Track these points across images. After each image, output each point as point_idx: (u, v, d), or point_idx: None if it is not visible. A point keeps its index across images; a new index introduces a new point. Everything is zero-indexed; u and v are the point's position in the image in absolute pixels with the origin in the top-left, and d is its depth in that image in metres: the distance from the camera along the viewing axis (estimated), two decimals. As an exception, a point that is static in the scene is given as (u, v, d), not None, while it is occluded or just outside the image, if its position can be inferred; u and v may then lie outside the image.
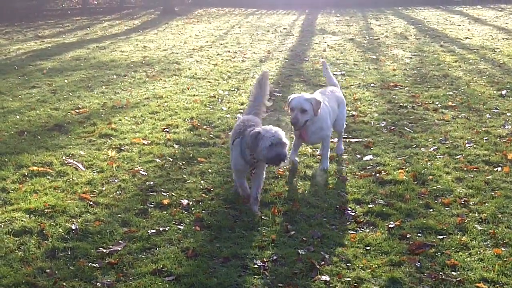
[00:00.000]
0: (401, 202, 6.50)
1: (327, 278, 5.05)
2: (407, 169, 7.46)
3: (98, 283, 5.04)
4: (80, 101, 11.52)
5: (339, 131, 8.20)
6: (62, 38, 21.48)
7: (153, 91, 12.37)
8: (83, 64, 15.64)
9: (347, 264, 5.29)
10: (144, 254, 5.53)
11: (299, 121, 7.17)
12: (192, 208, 6.47)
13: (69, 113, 10.55)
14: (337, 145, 8.30)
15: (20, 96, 11.97)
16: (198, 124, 9.67)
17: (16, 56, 17.23)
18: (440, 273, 5.09)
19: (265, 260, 5.37)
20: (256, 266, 5.29)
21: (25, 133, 9.30)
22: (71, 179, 7.26)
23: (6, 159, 7.96)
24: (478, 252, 5.44)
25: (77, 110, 10.73)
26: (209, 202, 6.66)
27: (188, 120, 10.00)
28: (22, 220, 6.14)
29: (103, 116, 10.37)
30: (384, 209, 6.35)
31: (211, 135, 9.13)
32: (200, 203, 6.60)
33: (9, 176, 7.40)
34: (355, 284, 4.94)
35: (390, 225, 5.97)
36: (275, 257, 5.42)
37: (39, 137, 9.10)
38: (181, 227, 6.06)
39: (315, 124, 7.39)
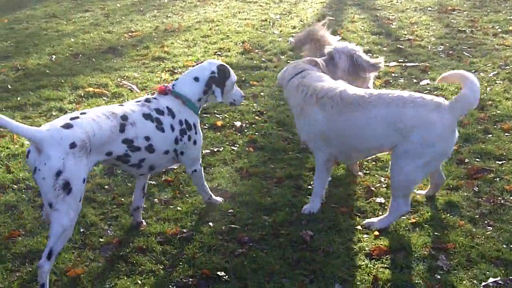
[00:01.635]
0: (459, 127, 6.34)
1: (382, 200, 5.02)
2: (465, 94, 7.26)
3: (155, 199, 5.12)
4: (132, 24, 11.52)
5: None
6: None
7: (204, 15, 12.27)
8: (134, -12, 15.57)
9: (403, 187, 5.24)
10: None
11: None
12: (245, 130, 6.47)
13: (122, 37, 10.57)
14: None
15: (73, 20, 12.03)
16: (250, 47, 9.58)
17: (69, -20, 17.22)
18: (499, 198, 5.01)
19: (320, 182, 5.37)
20: (310, 187, 5.29)
21: (80, 55, 9.37)
22: (126, 100, 7.31)
23: (62, 80, 8.05)
24: (539, 178, 5.32)
25: (130, 34, 10.74)
26: (262, 124, 6.65)
27: (239, 43, 9.91)
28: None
29: (156, 39, 10.36)
30: (441, 133, 6.23)
31: (263, 59, 9.05)
32: (253, 125, 6.60)
33: (66, 96, 7.50)
34: (411, 207, 4.87)
35: (448, 150, 5.87)
36: (329, 179, 5.39)
37: (93, 59, 9.16)
38: (235, 148, 6.09)
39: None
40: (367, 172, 5.52)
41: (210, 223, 4.75)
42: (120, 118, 4.13)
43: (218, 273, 4.14)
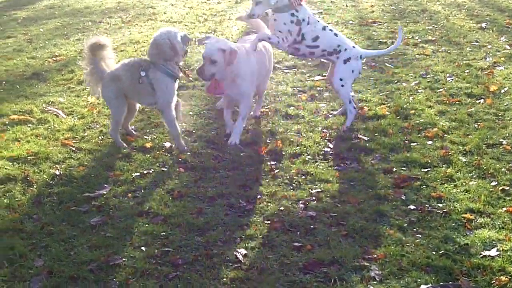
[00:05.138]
0: (384, 137, 6.50)
1: (313, 213, 5.07)
2: (389, 105, 7.45)
3: (85, 226, 5.03)
4: (56, 49, 11.32)
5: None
6: (34, -15, 21.00)
7: (129, 36, 12.16)
8: (57, 12, 15.30)
9: (333, 200, 5.31)
10: (130, 196, 5.52)
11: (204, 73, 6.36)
12: (175, 151, 6.43)
13: (46, 61, 10.37)
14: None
15: (-5, 47, 11.75)
16: (177, 67, 9.53)
17: (-12, 6, 16.83)
18: (426, 205, 5.14)
19: (251, 199, 5.39)
20: (241, 205, 5.30)
21: (3, 82, 9.13)
22: (52, 126, 7.17)
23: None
24: (464, 184, 5.48)
25: (54, 58, 10.54)
26: (192, 144, 6.63)
27: (167, 64, 9.85)
28: (5, 168, 6.07)
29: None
30: (367, 144, 6.36)
31: (190, 78, 8.99)
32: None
33: (-11, 125, 7.30)
34: (342, 219, 4.97)
35: (374, 160, 5.99)
36: (259, 196, 5.43)
37: (17, 86, 8.95)
38: (165, 169, 6.04)
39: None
40: (298, 187, 5.58)
41: (143, 248, 4.69)
42: None
43: (152, 298, 4.10)
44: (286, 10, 6.72)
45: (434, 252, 4.47)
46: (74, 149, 6.52)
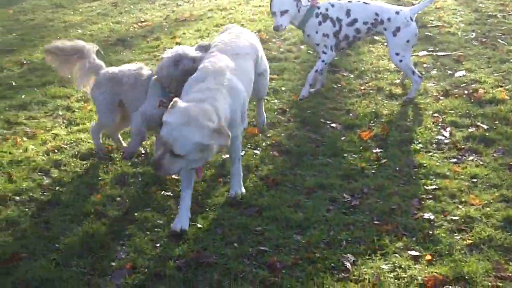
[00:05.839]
0: (506, 126, 5.75)
1: (430, 216, 4.41)
2: (507, 87, 6.65)
3: (171, 213, 4.56)
4: (142, 14, 10.96)
5: None
6: None
7: (216, 2, 11.67)
8: (143, -25, 14.98)
9: (453, 200, 4.64)
10: (220, 181, 5.02)
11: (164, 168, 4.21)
12: (269, 130, 5.88)
13: (131, 27, 10.01)
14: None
15: (81, 10, 11.49)
16: (267, 37, 8.94)
17: (75, -32, 16.66)
18: None
19: (356, 193, 4.78)
20: (345, 200, 4.70)
21: (88, 48, 8.80)
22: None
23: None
24: None
25: (139, 24, 10.18)
26: (285, 124, 6.07)
27: (255, 32, 9.26)
28: (88, 142, 5.73)
29: (167, 29, 9.78)
30: (487, 134, 5.63)
31: (282, 49, 8.43)
32: (276, 125, 6.01)
33: (73, 94, 6.98)
34: (465, 224, 4.30)
35: (497, 153, 5.27)
36: (366, 190, 4.82)
37: (102, 52, 8.54)
38: (258, 152, 5.51)
39: None
40: (409, 182, 4.93)
41: (235, 244, 4.18)
42: None
43: (248, 307, 3.59)
44: (311, 14, 6.40)
45: None
46: (161, 124, 6.07)
